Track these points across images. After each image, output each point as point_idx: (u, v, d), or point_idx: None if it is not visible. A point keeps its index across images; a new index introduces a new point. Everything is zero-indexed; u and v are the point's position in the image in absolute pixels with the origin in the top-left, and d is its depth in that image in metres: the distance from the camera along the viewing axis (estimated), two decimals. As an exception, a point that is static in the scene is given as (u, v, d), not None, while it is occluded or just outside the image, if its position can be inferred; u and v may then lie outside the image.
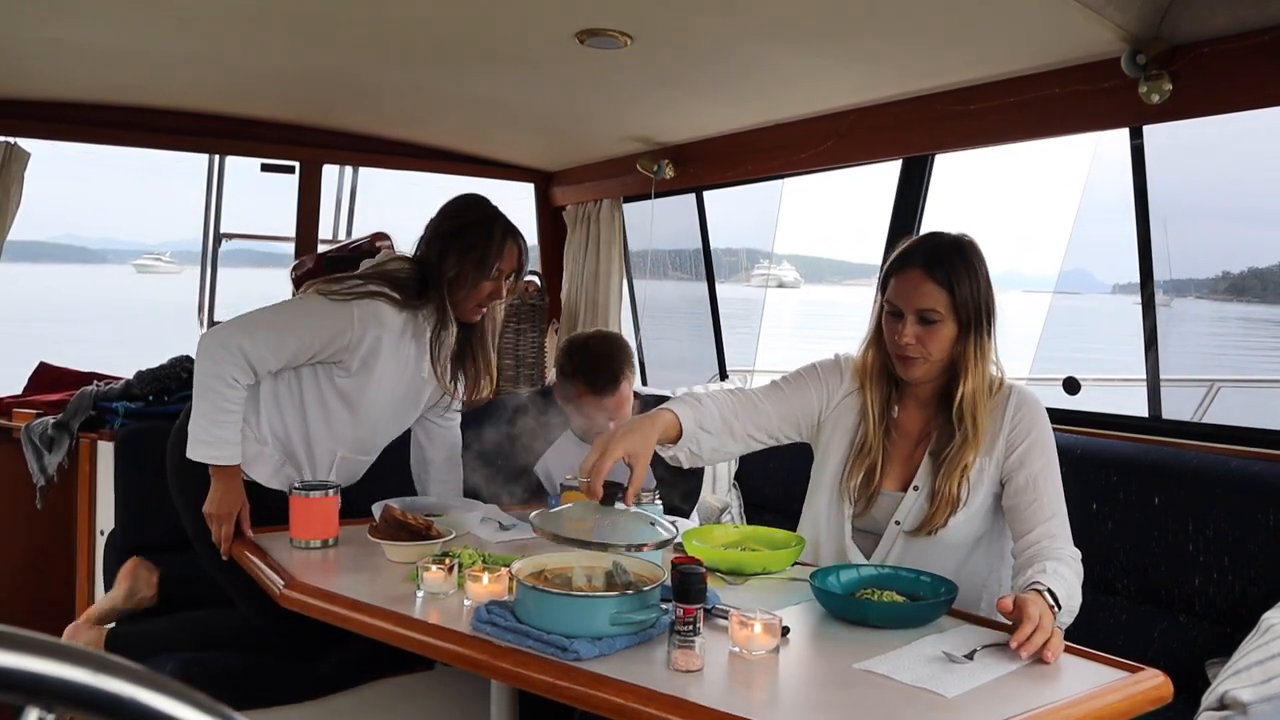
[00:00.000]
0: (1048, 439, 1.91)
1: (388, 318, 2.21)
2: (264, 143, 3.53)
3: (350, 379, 2.24)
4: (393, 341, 2.24)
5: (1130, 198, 2.38)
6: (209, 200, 3.74)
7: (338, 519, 2.10)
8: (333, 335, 2.17)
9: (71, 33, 2.49)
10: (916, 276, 1.88)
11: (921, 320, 1.87)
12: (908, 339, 1.87)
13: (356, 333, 2.18)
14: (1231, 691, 1.64)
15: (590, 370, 2.36)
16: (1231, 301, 30.65)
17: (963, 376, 1.88)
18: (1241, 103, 2.05)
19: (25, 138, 3.16)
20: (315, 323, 2.18)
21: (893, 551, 1.93)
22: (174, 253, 69.15)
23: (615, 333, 2.60)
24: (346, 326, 2.17)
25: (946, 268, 1.87)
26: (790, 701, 1.37)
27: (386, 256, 2.41)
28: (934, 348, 1.88)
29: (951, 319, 1.87)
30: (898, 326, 1.89)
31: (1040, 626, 1.48)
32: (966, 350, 1.88)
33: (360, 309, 2.18)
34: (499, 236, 2.31)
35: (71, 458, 2.98)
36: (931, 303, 1.86)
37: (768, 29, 2.27)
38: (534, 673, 1.39)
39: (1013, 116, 2.42)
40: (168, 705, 0.46)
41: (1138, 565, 2.25)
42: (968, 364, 1.88)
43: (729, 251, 3.90)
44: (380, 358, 2.23)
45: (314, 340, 2.16)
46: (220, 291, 3.80)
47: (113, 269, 60.36)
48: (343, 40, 2.54)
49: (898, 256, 1.94)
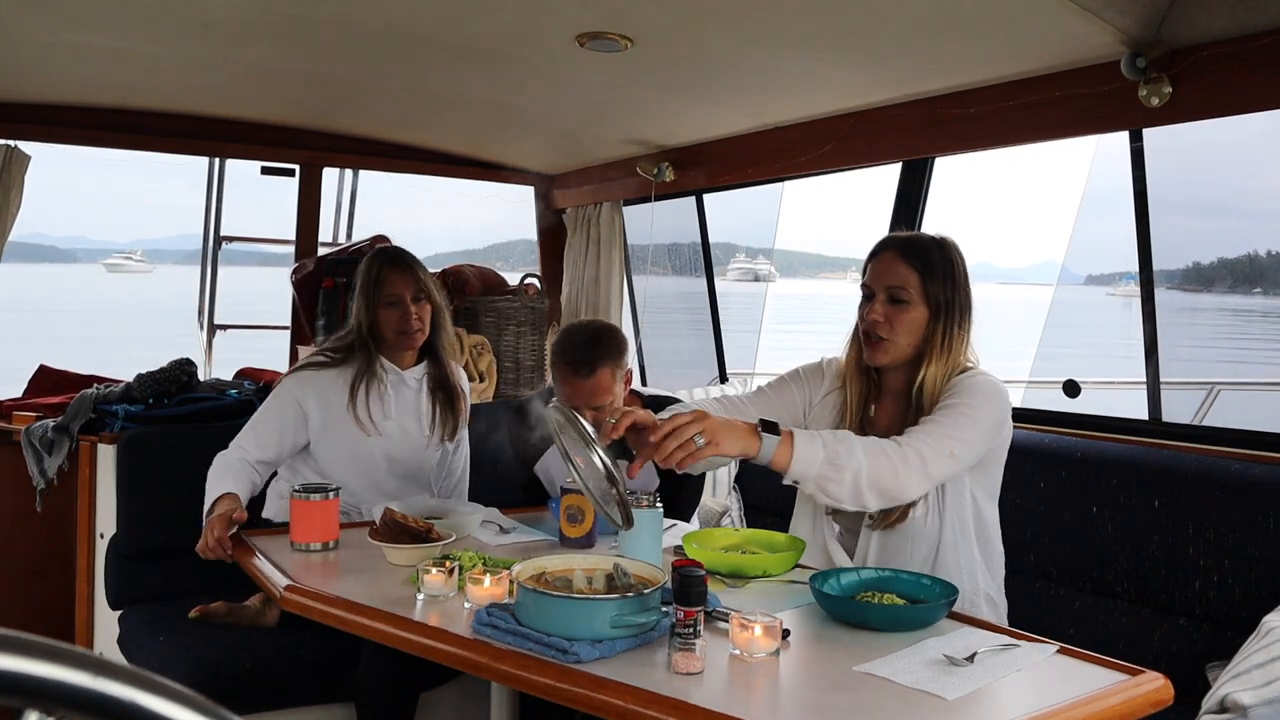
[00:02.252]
0: (972, 399, 1.86)
1: (319, 379, 2.50)
2: (264, 145, 3.53)
3: (325, 443, 2.49)
4: (338, 394, 2.48)
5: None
6: (209, 203, 3.75)
7: (338, 522, 2.10)
8: (281, 410, 2.45)
9: (73, 36, 2.49)
10: (890, 257, 1.95)
11: (891, 299, 1.91)
12: (876, 315, 1.91)
13: (298, 401, 2.46)
14: (1232, 694, 1.64)
15: (570, 350, 2.39)
16: (1201, 293, 30.78)
17: (925, 362, 1.91)
18: (1241, 105, 2.05)
19: (26, 140, 3.16)
20: (266, 406, 2.48)
21: (870, 549, 1.95)
22: (145, 251, 68.82)
23: (611, 324, 2.60)
24: (288, 398, 2.46)
25: (920, 252, 1.93)
26: (791, 704, 1.37)
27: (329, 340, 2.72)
28: (900, 329, 1.91)
29: (922, 303, 1.91)
30: (869, 307, 1.94)
31: (666, 432, 1.63)
32: (934, 338, 1.91)
33: (291, 381, 2.50)
34: (374, 269, 2.53)
35: (71, 460, 2.98)
36: (901, 281, 1.91)
37: (768, 32, 2.27)
38: (534, 675, 1.39)
39: (1013, 119, 2.42)
40: (167, 708, 0.45)
41: (1138, 568, 2.25)
42: (932, 351, 1.91)
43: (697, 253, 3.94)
44: (333, 411, 2.47)
45: (270, 421, 2.44)
46: (220, 291, 3.80)
47: (83, 268, 59.77)
48: (343, 43, 2.54)
49: (877, 244, 2.01)
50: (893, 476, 1.73)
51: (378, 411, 2.51)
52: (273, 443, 2.43)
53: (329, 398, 2.48)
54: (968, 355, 1.95)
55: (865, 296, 1.97)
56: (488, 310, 3.69)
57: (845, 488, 1.70)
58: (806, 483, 1.72)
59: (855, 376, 2.02)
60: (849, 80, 2.59)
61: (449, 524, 2.14)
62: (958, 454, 1.80)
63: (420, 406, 2.58)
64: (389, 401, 2.53)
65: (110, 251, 72.33)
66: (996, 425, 1.88)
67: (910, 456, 1.75)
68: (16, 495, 3.04)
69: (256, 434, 2.42)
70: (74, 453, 2.98)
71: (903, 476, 1.73)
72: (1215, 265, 31.31)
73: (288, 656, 2.32)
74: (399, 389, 2.56)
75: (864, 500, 1.73)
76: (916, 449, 1.76)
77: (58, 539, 3.04)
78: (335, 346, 2.58)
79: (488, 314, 3.69)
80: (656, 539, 1.89)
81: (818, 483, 1.70)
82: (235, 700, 2.22)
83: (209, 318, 3.77)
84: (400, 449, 2.55)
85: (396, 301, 2.51)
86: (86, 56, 2.68)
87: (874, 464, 1.71)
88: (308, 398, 2.47)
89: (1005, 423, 1.92)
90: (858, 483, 1.70)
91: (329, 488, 2.09)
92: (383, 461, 2.53)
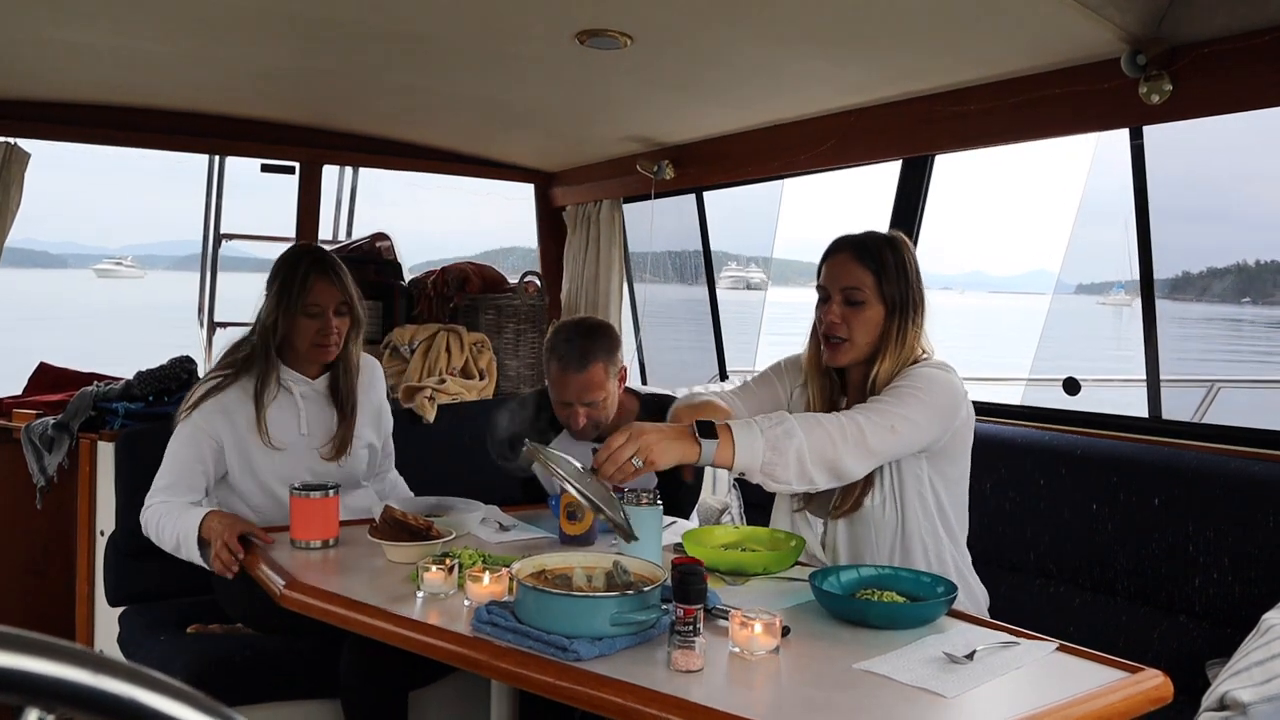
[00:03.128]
0: (921, 382, 1.88)
1: (223, 400, 2.31)
2: (264, 143, 3.53)
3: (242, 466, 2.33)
4: (245, 413, 2.31)
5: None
6: (209, 201, 3.75)
7: (338, 519, 2.10)
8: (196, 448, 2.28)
9: (72, 33, 2.49)
10: (844, 259, 1.98)
11: (847, 300, 1.95)
12: (833, 317, 1.95)
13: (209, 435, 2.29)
14: (1231, 692, 1.64)
15: (563, 345, 2.37)
16: (1192, 302, 30.80)
17: (880, 357, 1.94)
18: (1242, 103, 2.05)
19: (25, 138, 3.16)
20: (175, 452, 2.29)
21: (838, 538, 1.99)
22: (135, 257, 68.47)
23: (605, 321, 2.59)
24: (200, 436, 2.28)
25: (874, 253, 1.96)
26: (790, 702, 1.37)
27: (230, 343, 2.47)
28: (858, 330, 1.94)
29: (878, 302, 1.94)
30: (826, 309, 1.97)
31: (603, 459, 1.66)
32: (889, 334, 1.94)
33: (196, 417, 2.29)
34: (300, 271, 2.32)
35: (71, 458, 2.98)
36: (856, 281, 1.94)
37: (768, 30, 2.27)
38: (534, 673, 1.39)
39: (1012, 117, 2.42)
40: (167, 705, 0.46)
41: (1138, 566, 2.25)
42: (886, 347, 1.94)
43: (698, 254, 3.95)
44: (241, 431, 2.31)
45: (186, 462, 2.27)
46: (220, 292, 3.80)
47: (73, 274, 59.33)
48: (343, 40, 2.54)
49: (830, 245, 2.03)
50: (831, 446, 1.73)
51: (290, 424, 2.35)
52: (200, 484, 2.29)
53: (236, 419, 2.31)
54: (921, 347, 1.98)
55: (821, 298, 2.00)
56: (488, 308, 3.69)
57: (790, 469, 1.71)
58: (753, 474, 1.72)
59: (816, 375, 2.06)
60: (849, 78, 2.59)
61: (448, 521, 2.14)
62: (899, 430, 1.81)
63: (329, 417, 2.42)
64: (300, 413, 2.37)
65: (101, 257, 71.97)
66: (947, 411, 1.89)
67: (848, 425, 1.77)
68: (16, 493, 3.04)
69: (175, 479, 2.26)
70: (74, 450, 2.98)
71: (840, 445, 1.74)
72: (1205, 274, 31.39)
73: (288, 649, 2.32)
74: (308, 397, 2.39)
75: (810, 476, 1.73)
76: (855, 420, 1.78)
77: (58, 537, 3.04)
78: (228, 361, 2.37)
79: (487, 311, 3.69)
80: (656, 537, 1.89)
81: (764, 470, 1.71)
82: (236, 693, 2.22)
83: (209, 315, 3.77)
84: (319, 459, 2.39)
85: (318, 313, 2.32)
86: (87, 54, 2.68)
87: (812, 437, 1.72)
88: (217, 427, 2.29)
89: (957, 409, 1.92)
90: (801, 460, 1.71)
91: (328, 485, 2.08)
92: (305, 475, 2.28)
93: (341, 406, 2.42)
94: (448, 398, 3.31)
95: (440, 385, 3.33)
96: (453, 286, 3.71)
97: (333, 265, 2.37)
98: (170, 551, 2.20)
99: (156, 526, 2.21)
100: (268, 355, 2.33)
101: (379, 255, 3.79)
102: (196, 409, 2.30)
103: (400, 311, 3.71)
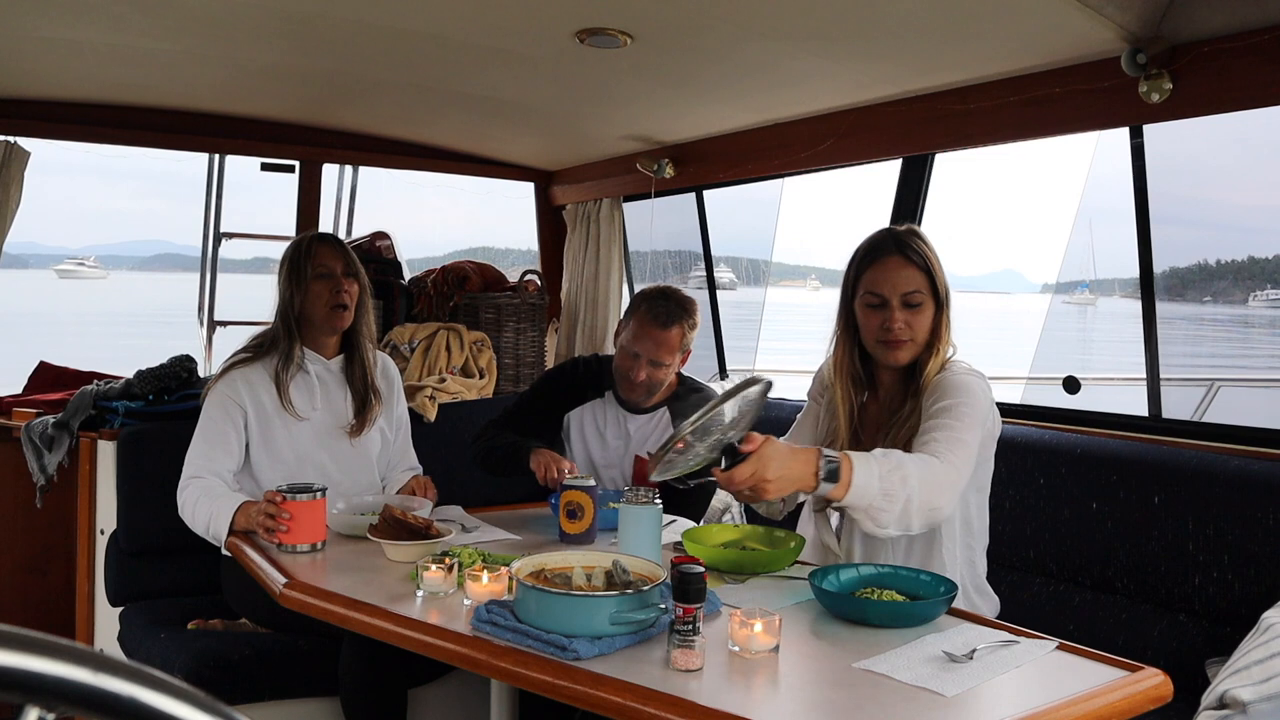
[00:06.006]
0: (965, 396, 1.88)
1: (248, 374, 2.41)
2: (264, 142, 3.52)
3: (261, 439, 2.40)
4: (266, 387, 2.40)
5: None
6: (209, 199, 3.74)
7: (325, 522, 2.06)
8: (225, 413, 2.37)
9: (72, 32, 2.49)
10: (896, 263, 1.95)
11: (906, 304, 1.94)
12: (898, 324, 1.93)
13: (235, 401, 2.37)
14: (1231, 691, 1.64)
15: (660, 299, 2.48)
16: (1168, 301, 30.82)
17: (933, 351, 1.95)
18: (1242, 101, 2.05)
19: (25, 137, 3.16)
20: (208, 418, 2.38)
21: (856, 537, 1.97)
22: (98, 257, 67.75)
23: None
24: (226, 401, 2.37)
25: (919, 251, 1.95)
26: (790, 701, 1.37)
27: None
28: (920, 329, 1.95)
29: (931, 299, 1.95)
30: (883, 315, 1.94)
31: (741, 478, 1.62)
32: (938, 328, 1.96)
33: (222, 384, 2.40)
34: (304, 245, 2.47)
35: (71, 457, 2.98)
36: (915, 285, 1.94)
37: (768, 28, 2.27)
38: (534, 672, 1.39)
39: (1013, 115, 2.42)
40: (167, 704, 0.46)
41: (1137, 564, 2.25)
42: (936, 341, 1.96)
43: (672, 254, 3.95)
44: (264, 404, 2.39)
45: (219, 427, 2.35)
46: (220, 293, 3.80)
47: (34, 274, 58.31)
48: (343, 39, 2.54)
49: (869, 250, 2.00)
50: (938, 494, 1.71)
51: (306, 401, 2.43)
52: (235, 449, 2.36)
53: (259, 392, 2.40)
54: (950, 338, 2.00)
55: (872, 305, 1.96)
56: (488, 306, 3.69)
57: (893, 515, 1.68)
58: (855, 511, 1.70)
59: (848, 375, 2.04)
60: (849, 76, 2.59)
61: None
62: (971, 459, 1.83)
63: (343, 398, 2.50)
64: (315, 391, 2.45)
65: (62, 257, 70.36)
66: (985, 416, 1.92)
67: (950, 472, 1.75)
68: (16, 492, 3.04)
69: (211, 446, 2.34)
70: (74, 449, 2.97)
71: (948, 493, 1.74)
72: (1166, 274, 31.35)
73: (288, 648, 2.32)
74: (324, 378, 2.48)
75: (909, 525, 1.71)
76: (953, 463, 1.76)
77: (58, 536, 3.04)
78: (252, 344, 2.48)
79: (488, 310, 3.69)
80: (656, 536, 1.89)
81: (868, 513, 1.69)
82: (236, 692, 2.22)
83: (209, 314, 3.77)
84: (335, 438, 2.47)
85: (327, 273, 2.42)
86: (86, 52, 2.68)
87: (923, 489, 1.69)
88: (241, 394, 2.38)
89: (991, 409, 1.95)
90: (907, 512, 1.68)
91: (315, 487, 2.04)
92: (320, 452, 2.44)
93: (355, 386, 2.51)
94: (448, 397, 3.31)
95: (440, 384, 3.33)
96: (453, 285, 3.71)
97: (334, 237, 2.55)
98: (199, 531, 2.25)
99: (193, 505, 2.25)
100: (289, 332, 2.44)
101: (379, 254, 3.79)
102: (222, 378, 2.42)
103: (400, 310, 3.71)
